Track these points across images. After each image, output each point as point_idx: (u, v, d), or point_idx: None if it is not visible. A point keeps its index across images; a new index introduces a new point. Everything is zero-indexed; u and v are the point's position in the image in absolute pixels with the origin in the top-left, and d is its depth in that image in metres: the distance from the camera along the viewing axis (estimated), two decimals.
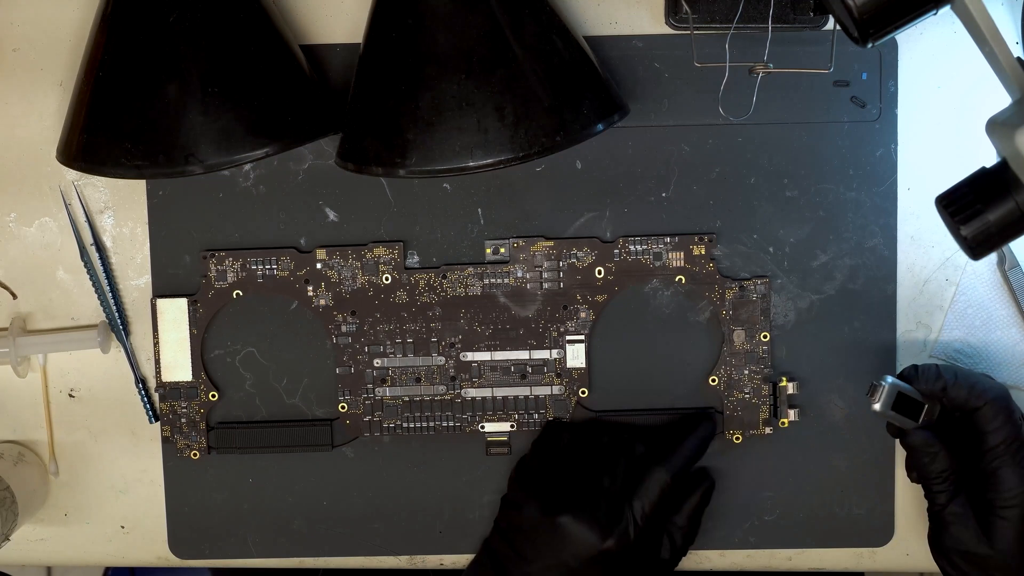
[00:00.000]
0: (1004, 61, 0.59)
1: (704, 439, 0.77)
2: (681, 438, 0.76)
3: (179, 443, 0.80)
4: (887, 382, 0.71)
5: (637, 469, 0.74)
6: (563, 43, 0.69)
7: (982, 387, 0.71)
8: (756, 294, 0.78)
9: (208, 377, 0.79)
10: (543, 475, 0.76)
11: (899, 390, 0.71)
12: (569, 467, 0.75)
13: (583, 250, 0.78)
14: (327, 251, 0.78)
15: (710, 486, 0.77)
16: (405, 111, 0.67)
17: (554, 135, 0.66)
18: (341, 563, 0.82)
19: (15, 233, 0.79)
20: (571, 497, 0.73)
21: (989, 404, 0.71)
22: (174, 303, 0.79)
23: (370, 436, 0.79)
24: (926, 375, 0.72)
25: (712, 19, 0.72)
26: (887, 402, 0.71)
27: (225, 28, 0.69)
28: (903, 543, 0.80)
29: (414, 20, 0.67)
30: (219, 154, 0.68)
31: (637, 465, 0.74)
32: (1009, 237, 0.61)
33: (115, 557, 0.83)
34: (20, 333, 0.79)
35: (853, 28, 0.58)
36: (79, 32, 0.77)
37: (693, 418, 0.78)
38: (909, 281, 0.78)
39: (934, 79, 0.77)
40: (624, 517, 0.72)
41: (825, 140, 0.77)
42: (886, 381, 0.71)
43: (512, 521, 0.75)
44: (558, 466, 0.76)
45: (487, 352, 0.79)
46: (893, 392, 0.71)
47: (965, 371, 0.73)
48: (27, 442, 0.81)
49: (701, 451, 0.77)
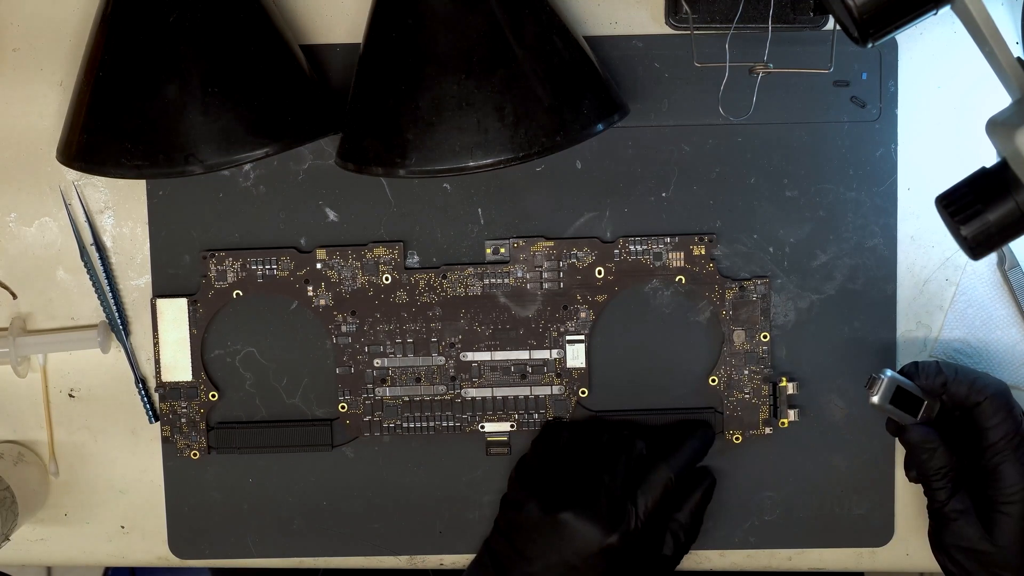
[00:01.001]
0: (1004, 61, 0.59)
1: (705, 441, 0.77)
2: (682, 439, 0.76)
3: (179, 443, 0.80)
4: (886, 375, 0.71)
5: (639, 466, 0.74)
6: (563, 43, 0.69)
7: (982, 383, 0.71)
8: (756, 294, 0.78)
9: (208, 377, 0.79)
10: (543, 474, 0.76)
11: (898, 384, 0.71)
12: (569, 465, 0.75)
13: (583, 250, 0.78)
14: (327, 251, 0.78)
15: (712, 484, 0.77)
16: (405, 111, 0.67)
17: (554, 135, 0.66)
18: (341, 563, 0.82)
19: (15, 233, 0.79)
20: (572, 494, 0.73)
21: (989, 399, 0.71)
22: (174, 303, 0.79)
23: (370, 436, 0.79)
24: (926, 371, 0.72)
25: (712, 19, 0.72)
26: (885, 395, 0.71)
27: (225, 28, 0.69)
28: (903, 543, 0.80)
29: (414, 20, 0.67)
30: (219, 154, 0.68)
31: (639, 462, 0.74)
32: (1009, 237, 0.61)
33: (115, 557, 0.83)
34: (20, 333, 0.79)
35: (853, 28, 0.58)
36: (79, 32, 0.77)
37: (692, 424, 0.78)
38: (909, 281, 0.78)
39: (934, 79, 0.77)
40: (627, 513, 0.72)
41: (825, 140, 0.77)
42: (885, 374, 0.71)
43: (513, 520, 0.75)
44: (558, 464, 0.76)
45: (487, 352, 0.79)
46: (892, 386, 0.71)
47: (966, 368, 0.73)
48: (27, 442, 0.81)
49: (702, 453, 0.77)
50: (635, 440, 0.75)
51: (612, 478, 0.73)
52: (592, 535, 0.71)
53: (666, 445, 0.76)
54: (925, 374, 0.72)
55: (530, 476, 0.76)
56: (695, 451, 0.76)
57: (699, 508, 0.77)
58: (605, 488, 0.73)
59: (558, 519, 0.72)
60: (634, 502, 0.73)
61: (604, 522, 0.72)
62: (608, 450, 0.75)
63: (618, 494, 0.73)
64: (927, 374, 0.72)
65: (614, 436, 0.76)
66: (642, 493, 0.73)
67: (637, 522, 0.72)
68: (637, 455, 0.75)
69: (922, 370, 0.72)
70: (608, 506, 0.72)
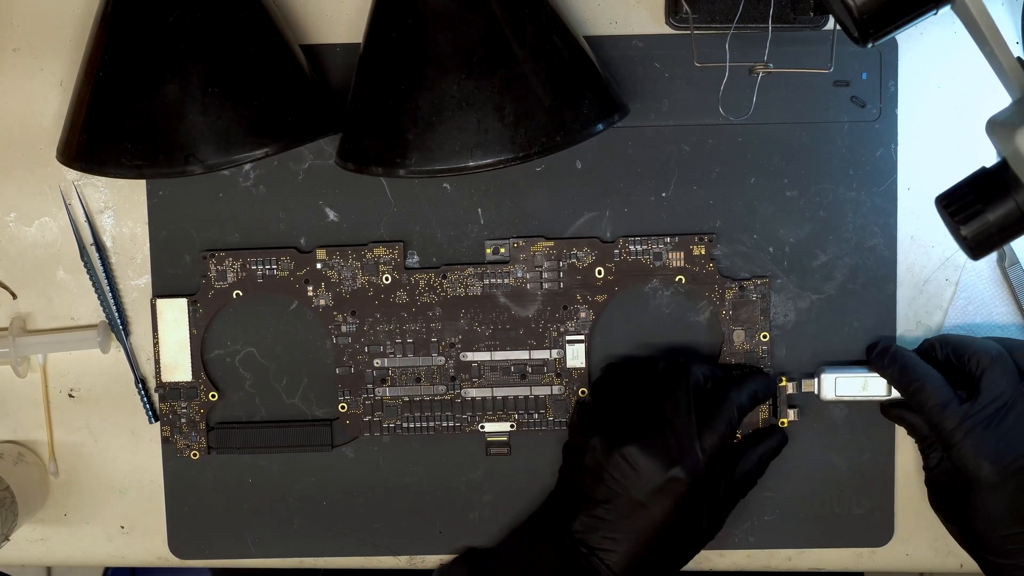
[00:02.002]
0: (1004, 61, 0.59)
1: (767, 385, 0.76)
2: (744, 376, 0.76)
3: (179, 443, 0.80)
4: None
5: (701, 397, 0.73)
6: (563, 43, 0.69)
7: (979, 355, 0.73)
8: (756, 294, 0.78)
9: (208, 377, 0.79)
10: (603, 414, 0.74)
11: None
12: (630, 402, 0.74)
13: (583, 250, 0.78)
14: (327, 251, 0.78)
15: (783, 440, 0.77)
16: (405, 111, 0.67)
17: (554, 135, 0.66)
18: (341, 563, 0.82)
19: (15, 233, 0.79)
20: (635, 429, 0.71)
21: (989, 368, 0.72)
22: (174, 303, 0.79)
23: (370, 436, 0.79)
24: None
25: (712, 19, 0.72)
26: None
27: (225, 28, 0.69)
28: (903, 543, 0.80)
29: (414, 20, 0.67)
30: (219, 154, 0.68)
31: (699, 393, 0.73)
32: (1009, 237, 0.61)
33: (115, 557, 0.83)
34: (20, 333, 0.79)
35: (853, 28, 0.59)
36: (79, 32, 0.77)
37: (749, 369, 0.78)
38: (909, 281, 0.78)
39: (934, 79, 0.77)
40: (691, 446, 0.71)
41: (825, 140, 0.77)
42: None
43: (576, 465, 0.73)
44: (618, 403, 0.74)
45: (487, 352, 0.79)
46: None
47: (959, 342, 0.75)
48: (27, 442, 0.81)
49: (764, 394, 0.76)
50: (691, 368, 0.74)
51: (675, 410, 0.72)
52: (657, 468, 0.70)
53: (729, 376, 0.75)
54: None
55: (590, 419, 0.75)
56: (758, 388, 0.75)
57: (765, 457, 0.76)
58: (667, 421, 0.71)
59: (622, 453, 0.71)
60: (700, 436, 0.71)
61: (669, 455, 0.70)
62: (667, 380, 0.74)
63: (682, 427, 0.71)
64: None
65: (671, 365, 0.75)
66: (707, 427, 0.71)
67: (703, 455, 0.71)
68: (696, 385, 0.73)
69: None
70: (673, 439, 0.71)
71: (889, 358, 0.74)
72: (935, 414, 0.71)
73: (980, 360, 0.72)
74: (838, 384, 0.76)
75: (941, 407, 0.71)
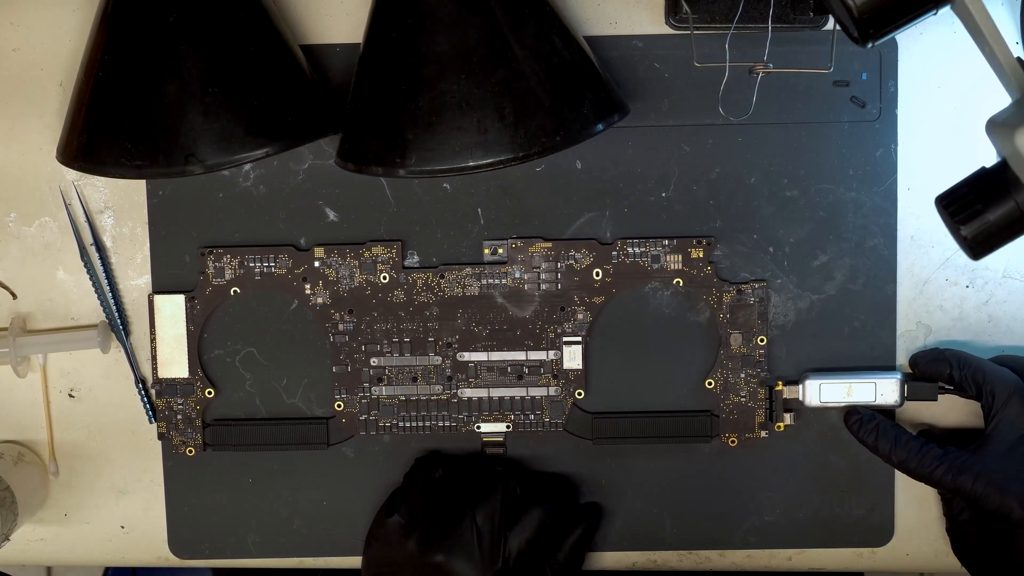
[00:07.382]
0: (1004, 61, 0.59)
1: (590, 515, 0.78)
2: (561, 487, 0.78)
3: (175, 439, 0.80)
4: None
5: (512, 506, 0.74)
6: (563, 43, 0.69)
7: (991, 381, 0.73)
8: (754, 298, 0.78)
9: (205, 374, 0.79)
10: (417, 510, 0.75)
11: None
12: (443, 502, 0.75)
13: (581, 252, 0.78)
14: (325, 249, 0.78)
15: (596, 520, 0.78)
16: (405, 111, 0.67)
17: (554, 135, 0.66)
18: (341, 563, 0.82)
19: (15, 233, 0.79)
20: (445, 534, 0.73)
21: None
22: (171, 299, 0.79)
23: (366, 435, 0.79)
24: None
25: (712, 19, 0.72)
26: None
27: (225, 28, 0.69)
28: (903, 543, 0.80)
29: (414, 20, 0.67)
30: (219, 154, 0.68)
31: (512, 502, 0.74)
32: (1009, 237, 0.61)
33: (115, 557, 0.83)
34: (20, 333, 0.79)
35: (853, 28, 0.58)
36: (79, 32, 0.77)
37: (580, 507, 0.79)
38: (909, 281, 0.78)
39: (934, 79, 0.77)
40: (501, 553, 0.72)
41: (825, 140, 0.77)
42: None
43: (386, 557, 0.75)
44: (432, 501, 0.75)
45: (484, 352, 0.78)
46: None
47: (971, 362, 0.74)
48: (27, 442, 0.81)
49: (589, 536, 0.77)
50: (509, 479, 0.75)
51: (485, 518, 0.73)
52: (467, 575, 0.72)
53: (543, 486, 0.76)
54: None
55: (403, 511, 0.75)
56: (572, 500, 0.77)
57: (578, 546, 0.76)
58: (478, 528, 0.73)
59: (432, 560, 0.72)
60: (506, 543, 0.73)
61: (477, 564, 0.72)
62: (482, 487, 0.75)
63: (493, 534, 0.73)
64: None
65: (487, 473, 0.76)
66: (514, 535, 0.73)
67: (507, 564, 0.72)
68: (511, 494, 0.74)
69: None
70: (481, 547, 0.72)
71: (870, 429, 0.75)
72: (947, 480, 0.71)
73: (997, 394, 0.72)
74: (823, 390, 0.77)
75: (955, 472, 0.71)
